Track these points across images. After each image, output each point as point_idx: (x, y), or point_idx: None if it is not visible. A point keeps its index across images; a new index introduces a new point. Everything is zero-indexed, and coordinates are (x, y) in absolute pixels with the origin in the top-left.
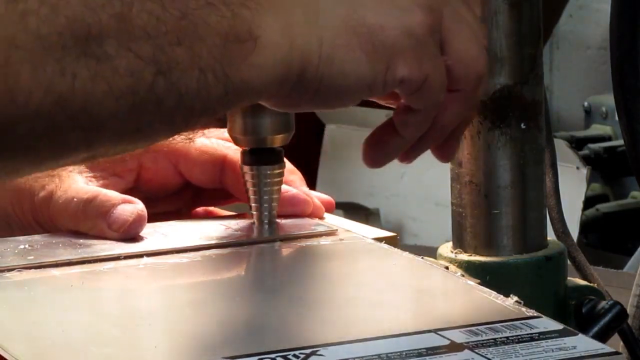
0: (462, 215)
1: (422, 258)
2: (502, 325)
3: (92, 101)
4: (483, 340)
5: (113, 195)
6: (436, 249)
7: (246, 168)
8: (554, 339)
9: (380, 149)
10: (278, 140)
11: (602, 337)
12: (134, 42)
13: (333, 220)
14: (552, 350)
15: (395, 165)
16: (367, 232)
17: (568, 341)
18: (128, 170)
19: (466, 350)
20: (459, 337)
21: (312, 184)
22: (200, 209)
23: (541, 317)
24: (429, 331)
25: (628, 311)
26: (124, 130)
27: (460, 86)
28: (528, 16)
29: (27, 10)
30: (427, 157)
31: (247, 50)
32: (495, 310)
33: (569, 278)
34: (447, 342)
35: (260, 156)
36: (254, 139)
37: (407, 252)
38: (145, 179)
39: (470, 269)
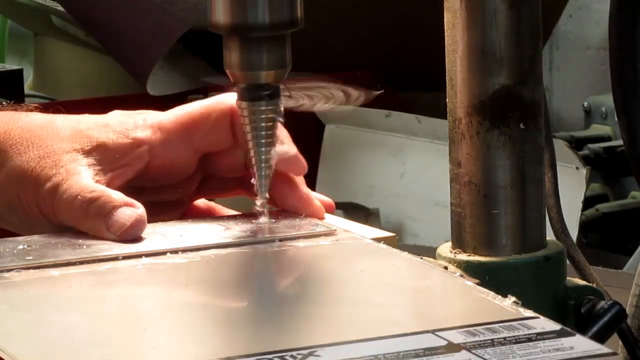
0: (461, 215)
1: (422, 258)
2: (499, 326)
3: None
4: (481, 341)
5: (115, 197)
6: (436, 249)
7: (243, 104)
8: (552, 340)
9: None
10: (272, 76)
11: (601, 337)
12: None
13: (332, 221)
14: (550, 351)
15: (395, 165)
16: (366, 232)
17: (565, 342)
18: (137, 157)
19: (463, 351)
20: (456, 337)
21: (312, 184)
22: (201, 204)
23: (539, 317)
24: (427, 332)
25: (627, 311)
26: None
27: None
28: (527, 16)
29: None
30: (427, 157)
31: None
32: (493, 311)
33: (568, 278)
34: (444, 343)
35: (256, 92)
36: (250, 75)
37: (406, 253)
38: (154, 166)
39: (469, 269)
